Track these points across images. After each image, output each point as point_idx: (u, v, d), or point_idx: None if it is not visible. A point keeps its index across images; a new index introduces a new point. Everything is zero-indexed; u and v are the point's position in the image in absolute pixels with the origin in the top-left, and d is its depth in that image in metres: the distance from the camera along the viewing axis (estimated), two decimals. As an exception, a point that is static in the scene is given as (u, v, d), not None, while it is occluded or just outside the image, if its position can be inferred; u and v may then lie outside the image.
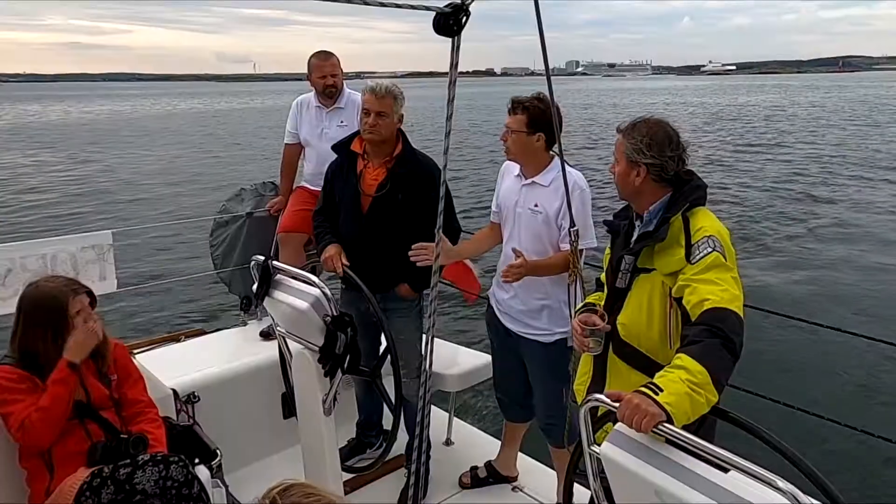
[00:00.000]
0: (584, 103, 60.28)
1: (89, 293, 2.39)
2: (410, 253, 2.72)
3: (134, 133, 34.48)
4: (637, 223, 2.07)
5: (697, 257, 1.84)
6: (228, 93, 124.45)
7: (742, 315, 1.76)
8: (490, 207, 3.03)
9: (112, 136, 32.51)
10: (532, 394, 2.94)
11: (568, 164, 2.49)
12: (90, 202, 15.49)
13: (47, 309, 2.28)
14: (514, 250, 2.67)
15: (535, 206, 2.71)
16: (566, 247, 2.58)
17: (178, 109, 62.35)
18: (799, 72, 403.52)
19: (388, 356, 2.80)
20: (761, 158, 22.04)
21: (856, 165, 20.05)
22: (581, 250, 2.55)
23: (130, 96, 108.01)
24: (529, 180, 2.75)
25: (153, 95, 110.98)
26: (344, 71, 3.93)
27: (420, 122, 30.29)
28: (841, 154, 22.64)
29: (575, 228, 2.54)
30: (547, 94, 2.39)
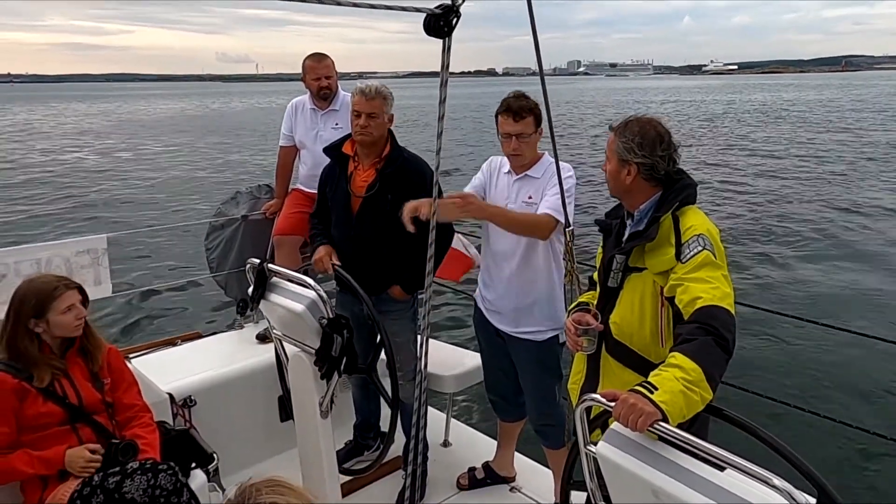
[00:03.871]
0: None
1: (81, 290, 2.38)
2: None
3: (129, 135, 34.11)
4: (628, 222, 2.07)
5: (688, 256, 1.84)
6: (229, 93, 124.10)
7: (734, 312, 1.76)
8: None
9: (107, 138, 32.21)
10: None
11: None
12: (85, 206, 15.27)
13: (33, 302, 2.27)
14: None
15: (529, 198, 2.72)
16: (543, 210, 2.62)
17: (176, 110, 61.98)
18: (801, 71, 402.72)
19: (383, 350, 2.78)
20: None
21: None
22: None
23: (129, 97, 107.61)
24: (522, 174, 2.76)
25: (153, 96, 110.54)
26: (346, 71, 3.89)
27: (429, 122, 30.16)
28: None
29: (570, 228, 2.53)
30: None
